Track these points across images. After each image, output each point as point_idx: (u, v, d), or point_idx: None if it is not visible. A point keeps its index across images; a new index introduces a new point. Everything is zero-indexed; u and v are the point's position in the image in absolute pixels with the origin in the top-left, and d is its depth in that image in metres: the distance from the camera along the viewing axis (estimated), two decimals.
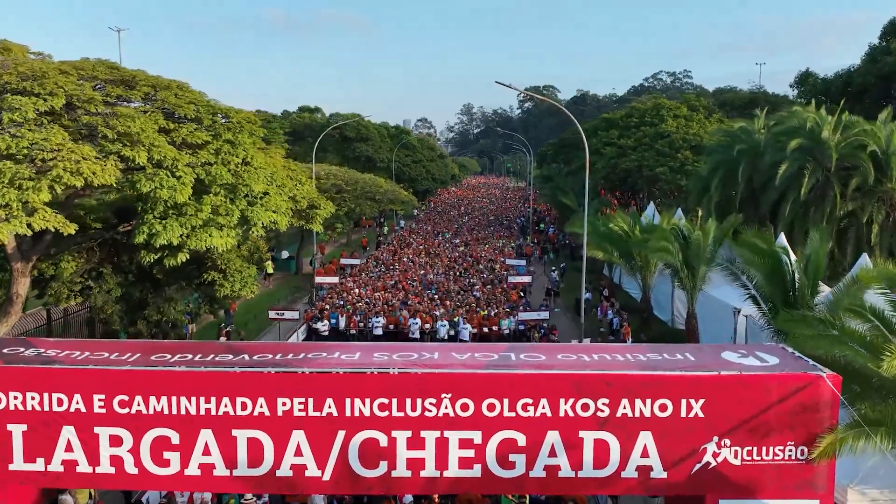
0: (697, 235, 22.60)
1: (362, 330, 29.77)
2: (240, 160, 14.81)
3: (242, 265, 19.82)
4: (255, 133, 16.22)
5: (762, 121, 31.47)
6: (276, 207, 15.23)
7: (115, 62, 15.41)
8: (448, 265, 43.45)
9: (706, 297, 25.73)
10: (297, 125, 74.24)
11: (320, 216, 18.52)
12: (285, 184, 16.74)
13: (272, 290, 42.03)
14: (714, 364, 10.40)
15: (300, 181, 18.72)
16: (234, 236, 14.44)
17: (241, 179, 14.47)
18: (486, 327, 29.17)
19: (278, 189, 16.00)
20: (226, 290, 18.85)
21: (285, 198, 16.15)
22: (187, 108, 14.40)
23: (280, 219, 15.46)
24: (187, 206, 13.51)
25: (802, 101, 55.97)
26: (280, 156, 20.57)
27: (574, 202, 51.18)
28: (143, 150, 12.63)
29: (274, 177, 15.96)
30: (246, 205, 14.59)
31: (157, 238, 13.12)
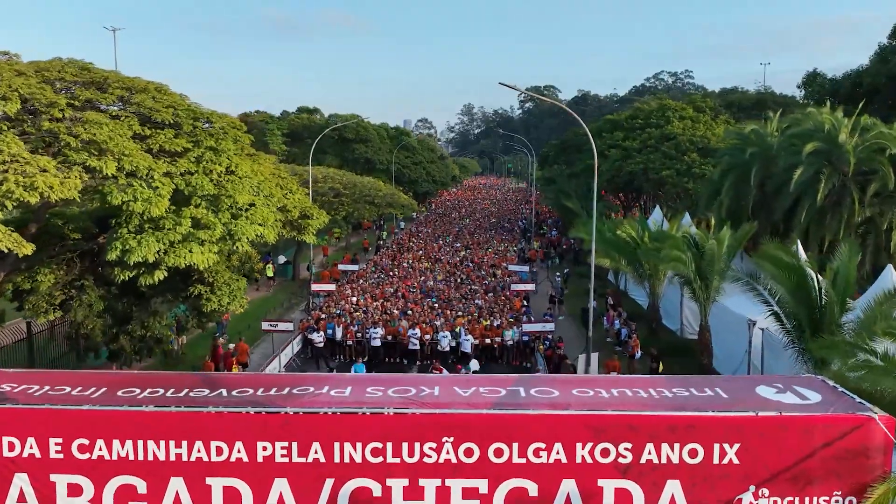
0: (711, 245, 21.46)
1: (360, 341, 28.64)
2: (223, 169, 13.69)
3: (231, 277, 18.66)
4: (241, 139, 15.10)
5: (775, 123, 30.34)
6: (262, 220, 14.10)
7: (89, 62, 14.30)
8: (449, 271, 42.31)
9: (719, 308, 24.59)
10: (295, 126, 73.19)
11: (313, 226, 17.41)
12: (274, 193, 15.61)
13: (268, 297, 40.91)
14: (749, 402, 9.25)
15: (291, 190, 17.59)
16: (216, 251, 13.31)
17: (224, 190, 13.34)
18: (489, 338, 28.05)
19: (266, 200, 14.87)
20: (213, 305, 17.70)
21: (273, 209, 15.03)
22: (165, 112, 13.26)
23: (267, 232, 14.33)
24: (165, 219, 12.38)
25: (810, 101, 55.02)
26: (270, 162, 19.44)
27: (577, 205, 49.98)
28: (111, 160, 11.51)
29: (261, 186, 14.82)
30: (230, 217, 13.47)
31: (130, 255, 12.00)
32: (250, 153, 17.26)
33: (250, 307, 39.37)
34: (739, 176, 29.51)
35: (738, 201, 29.82)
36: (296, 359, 28.45)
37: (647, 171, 44.33)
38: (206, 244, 12.79)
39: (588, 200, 51.48)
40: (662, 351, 28.11)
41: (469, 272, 42.14)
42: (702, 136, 44.63)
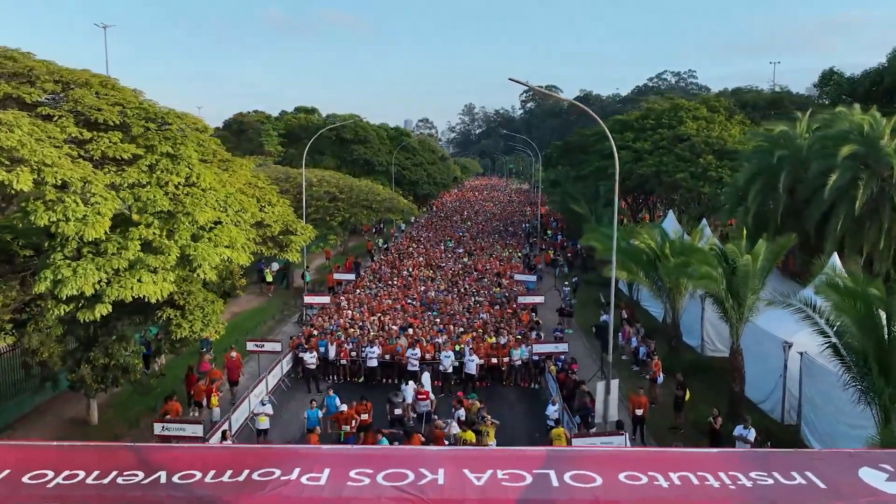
0: (746, 261, 19.16)
1: (355, 360, 26.35)
2: (181, 180, 11.45)
3: (207, 299, 16.36)
4: (205, 143, 12.83)
5: (804, 123, 28.00)
6: (230, 241, 11.86)
7: (16, 49, 12.04)
8: (451, 280, 40.01)
9: (749, 327, 22.30)
10: (292, 126, 70.89)
11: (297, 243, 15.15)
12: (247, 207, 13.34)
13: (259, 308, 38.61)
14: (855, 493, 6.97)
15: (270, 201, 15.32)
16: (172, 280, 11.06)
17: (181, 206, 11.09)
18: (495, 357, 25.75)
19: (236, 216, 12.62)
20: (184, 332, 15.44)
21: (246, 226, 12.78)
22: (109, 111, 11.00)
23: (236, 255, 12.09)
24: (108, 242, 10.12)
25: (826, 100, 52.71)
26: (247, 169, 17.17)
27: (586, 210, 47.75)
28: (25, 172, 9.25)
29: (228, 201, 12.56)
30: (188, 239, 11.21)
31: (63, 286, 9.76)
32: (224, 159, 15.01)
33: (241, 318, 37.49)
34: (767, 181, 27.21)
35: (766, 208, 27.51)
36: (285, 380, 26.17)
37: (659, 174, 42.00)
38: (159, 272, 10.59)
39: (596, 204, 49.51)
40: (685, 371, 25.84)
41: (472, 281, 39.84)
42: (717, 137, 42.30)
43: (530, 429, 22.02)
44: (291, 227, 15.16)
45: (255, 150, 66.47)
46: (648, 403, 23.19)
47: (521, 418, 23.09)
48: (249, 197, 14.21)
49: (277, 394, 24.92)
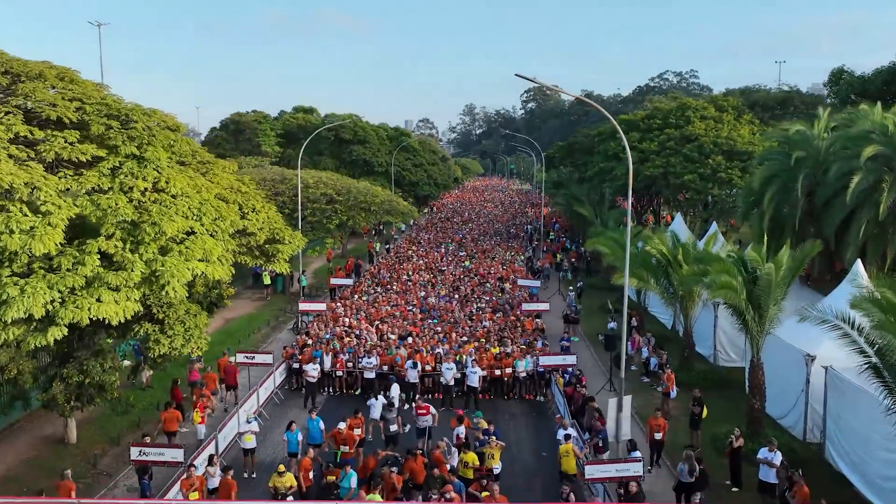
0: (769, 270, 17.86)
1: (351, 372, 25.08)
2: (149, 185, 10.17)
3: (190, 311, 15.08)
4: (177, 144, 11.55)
5: (823, 123, 26.70)
6: (204, 253, 10.58)
7: None
8: (452, 284, 38.73)
9: (768, 338, 21.03)
10: (290, 126, 69.64)
11: (285, 252, 13.86)
12: (225, 215, 12.04)
13: (255, 313, 37.34)
14: None
15: (254, 208, 14.02)
16: (137, 298, 9.80)
17: (147, 215, 9.81)
18: (499, 369, 24.46)
19: (213, 225, 11.34)
20: (163, 349, 14.17)
21: (224, 236, 11.50)
22: (64, 107, 9.71)
23: (212, 269, 10.80)
24: (61, 256, 8.87)
25: (835, 100, 51.44)
26: (230, 171, 15.83)
27: (590, 212, 46.47)
28: None
29: (203, 208, 11.25)
30: (155, 252, 9.94)
31: (8, 308, 8.50)
32: (204, 160, 13.71)
33: (235, 324, 36.20)
34: (783, 184, 25.92)
35: (782, 212, 26.23)
36: (279, 392, 24.89)
37: (667, 175, 40.73)
38: (122, 290, 9.34)
39: (601, 206, 48.22)
40: (698, 382, 24.57)
41: (474, 286, 38.55)
42: (726, 137, 41.01)
43: (537, 447, 20.76)
44: (279, 234, 13.84)
45: (252, 150, 65.33)
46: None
47: (526, 435, 21.83)
48: (231, 203, 12.91)
49: (270, 407, 23.67)
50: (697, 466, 16.40)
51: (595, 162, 49.61)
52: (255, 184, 37.12)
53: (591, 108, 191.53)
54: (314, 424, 18.06)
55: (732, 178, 38.52)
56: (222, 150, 66.78)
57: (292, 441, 17.17)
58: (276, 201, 37.76)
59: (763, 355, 20.75)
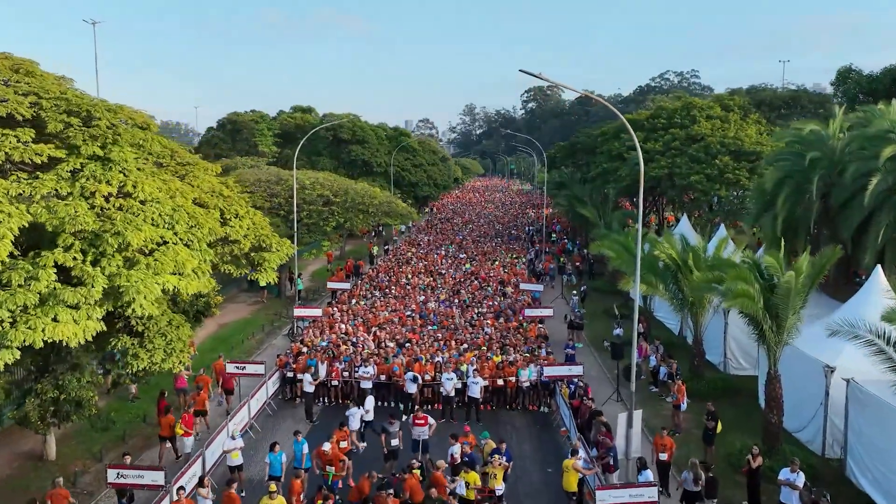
0: (789, 277, 16.83)
1: (347, 382, 24.04)
2: (114, 190, 9.15)
3: (173, 323, 14.04)
4: (147, 144, 10.51)
5: (838, 122, 25.68)
6: (177, 266, 9.56)
7: None
8: (452, 288, 37.70)
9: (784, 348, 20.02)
10: (287, 126, 68.54)
11: (272, 261, 12.83)
12: (202, 222, 10.99)
13: (249, 318, 36.31)
14: None
15: (237, 213, 12.96)
16: (99, 317, 8.80)
17: (110, 224, 8.78)
18: (501, 378, 23.43)
19: (188, 233, 10.31)
20: (142, 363, 13.14)
21: (201, 245, 10.46)
22: (17, 102, 8.67)
23: (185, 283, 9.79)
24: (12, 270, 7.88)
25: (842, 99, 50.47)
26: (213, 174, 14.77)
27: (594, 214, 45.41)
28: None
29: (175, 216, 10.19)
30: (120, 265, 8.92)
31: None
32: (183, 162, 12.68)
33: (228, 330, 35.14)
34: (797, 185, 24.91)
35: (796, 214, 25.22)
36: (271, 403, 23.84)
37: (672, 176, 39.69)
38: (82, 308, 8.33)
39: (605, 208, 47.17)
40: (708, 392, 23.57)
41: (475, 289, 37.52)
42: (733, 137, 39.96)
43: (542, 461, 19.73)
44: (265, 242, 12.79)
45: (250, 150, 64.29)
46: (672, 432, 20.96)
47: (530, 449, 20.81)
48: (211, 208, 11.89)
49: (262, 418, 22.64)
50: (703, 474, 15.79)
51: (598, 162, 48.56)
52: (245, 186, 36.29)
53: (592, 108, 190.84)
54: (299, 447, 16.77)
55: (740, 178, 37.48)
56: (219, 150, 65.77)
57: (275, 464, 15.98)
58: (272, 203, 36.79)
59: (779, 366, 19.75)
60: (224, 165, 51.44)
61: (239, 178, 37.79)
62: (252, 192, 36.54)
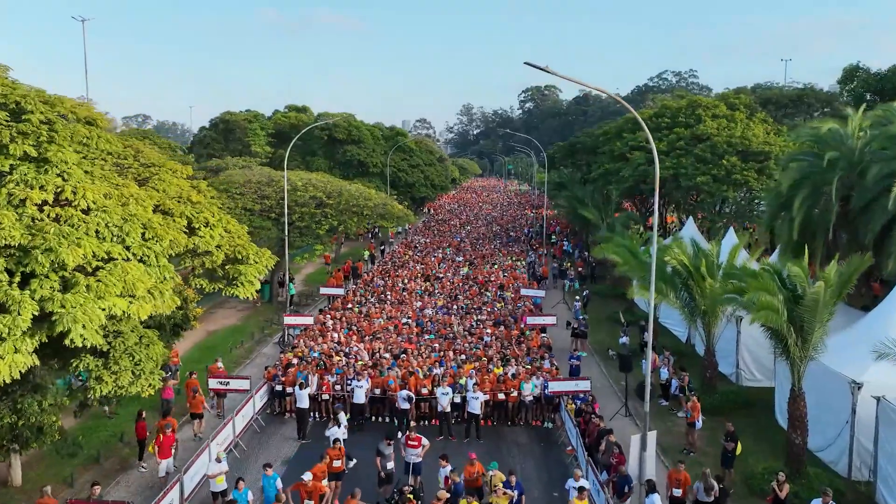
0: (818, 288, 15.47)
1: (339, 397, 22.63)
2: (49, 196, 7.77)
3: (142, 340, 12.63)
4: (93, 142, 9.10)
5: (857, 120, 24.36)
6: (125, 286, 8.18)
7: None
8: (450, 293, 36.32)
9: None
10: (282, 126, 67.06)
11: (249, 275, 11.43)
12: (162, 234, 9.57)
13: (239, 325, 34.88)
14: None
15: (208, 221, 11.53)
16: (31, 348, 7.44)
17: (41, 238, 7.40)
18: (503, 392, 22.05)
19: (142, 247, 8.92)
20: (106, 388, 11.74)
21: (160, 261, 9.07)
22: None
23: (136, 307, 8.40)
24: None
25: (849, 98, 49.20)
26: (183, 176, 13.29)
27: (596, 216, 44.08)
28: None
29: (126, 227, 8.75)
30: (55, 287, 7.55)
31: None
32: (147, 163, 11.27)
33: (216, 337, 33.66)
34: (814, 187, 23.58)
35: (813, 218, 23.89)
36: (258, 419, 22.42)
37: (678, 177, 38.35)
38: (7, 340, 6.97)
39: (607, 209, 45.84)
40: (722, 406, 22.23)
41: (473, 294, 36.14)
42: (741, 136, 38.64)
43: (547, 484, 18.35)
44: (241, 253, 11.37)
45: (243, 150, 62.79)
46: (686, 451, 19.64)
47: (535, 469, 19.44)
48: (176, 216, 10.49)
49: (248, 435, 21.24)
50: (716, 484, 15.16)
51: (600, 162, 47.24)
52: (233, 188, 34.81)
53: (589, 109, 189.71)
54: (270, 482, 15.02)
55: (748, 180, 36.17)
56: (212, 150, 64.29)
57: (241, 501, 14.39)
58: (262, 205, 35.35)
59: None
60: (215, 166, 50.10)
61: (228, 179, 36.36)
62: (241, 194, 35.13)
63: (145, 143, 50.29)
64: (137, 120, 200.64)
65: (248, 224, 34.26)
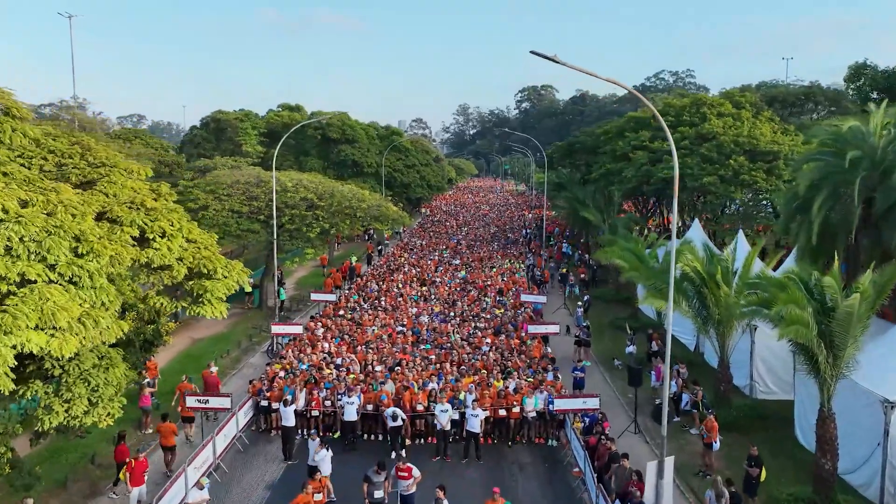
0: (853, 301, 14.04)
1: (329, 413, 21.14)
2: None
3: (102, 361, 11.10)
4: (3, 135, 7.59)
5: (879, 117, 22.92)
6: (41, 317, 6.68)
7: None
8: (447, 299, 34.82)
9: None
10: (274, 125, 65.39)
11: (217, 291, 9.93)
12: (100, 249, 8.01)
13: (225, 332, 33.31)
14: None
15: (165, 231, 9.97)
16: None
17: None
18: (504, 408, 20.57)
19: (73, 264, 7.42)
20: (57, 419, 10.25)
21: (100, 280, 7.56)
22: None
23: (59, 343, 6.90)
24: None
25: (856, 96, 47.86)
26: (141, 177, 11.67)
27: (598, 218, 42.65)
28: None
29: (49, 242, 7.17)
30: None
31: None
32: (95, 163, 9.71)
33: (201, 345, 32.02)
34: (835, 188, 22.14)
35: (832, 221, 22.44)
36: (242, 437, 20.91)
37: (683, 178, 36.87)
38: None
39: (609, 211, 44.45)
40: (738, 422, 20.80)
41: (472, 300, 34.65)
42: (748, 135, 37.23)
43: None
44: (207, 266, 9.83)
45: (234, 150, 61.19)
46: (703, 474, 18.20)
47: (538, 491, 17.99)
48: (125, 225, 9.00)
49: (230, 455, 19.74)
50: (726, 491, 14.51)
51: (602, 162, 45.79)
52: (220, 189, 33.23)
53: (586, 108, 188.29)
54: None
55: (757, 180, 34.77)
56: (202, 150, 62.65)
57: None
58: (251, 207, 33.82)
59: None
60: (202, 166, 48.52)
61: (214, 179, 34.81)
62: (229, 196, 33.59)
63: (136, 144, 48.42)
64: (132, 120, 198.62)
65: (236, 227, 32.78)
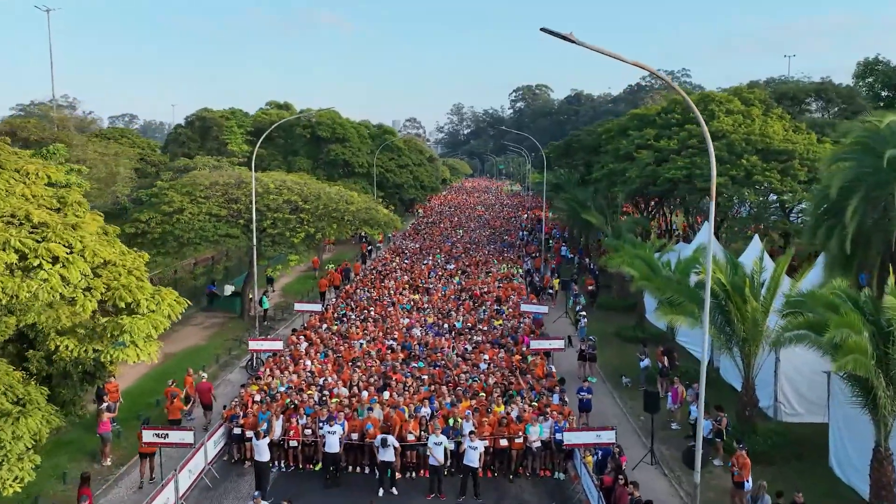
0: None
1: (309, 443, 18.85)
2: None
3: (13, 413, 8.82)
4: None
5: None
6: None
7: None
8: (442, 308, 32.55)
9: None
10: (262, 123, 63.03)
11: (140, 330, 7.67)
12: None
13: (202, 345, 30.96)
14: None
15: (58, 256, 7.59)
16: None
17: None
18: (506, 438, 18.32)
19: None
20: None
21: None
22: None
23: None
24: None
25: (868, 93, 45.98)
26: (43, 181, 9.20)
27: (601, 220, 40.44)
28: None
29: None
30: None
31: None
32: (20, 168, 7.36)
33: (175, 360, 29.51)
34: (870, 191, 20.02)
35: (866, 227, 20.35)
36: (213, 470, 18.61)
37: (692, 178, 34.76)
38: None
39: (612, 214, 42.25)
40: (764, 451, 18.62)
41: (468, 310, 32.39)
42: (760, 134, 35.12)
43: None
44: (126, 299, 7.61)
45: (220, 149, 58.83)
46: None
47: None
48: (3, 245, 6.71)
49: (196, 494, 17.44)
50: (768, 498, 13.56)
51: (604, 162, 43.62)
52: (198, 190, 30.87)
53: (581, 108, 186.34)
54: None
55: (771, 181, 32.64)
56: (187, 149, 60.26)
57: None
58: (230, 210, 31.49)
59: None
60: (182, 166, 46.16)
61: (192, 180, 32.45)
62: (206, 198, 31.23)
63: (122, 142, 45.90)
64: (124, 119, 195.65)
65: (213, 232, 30.43)
